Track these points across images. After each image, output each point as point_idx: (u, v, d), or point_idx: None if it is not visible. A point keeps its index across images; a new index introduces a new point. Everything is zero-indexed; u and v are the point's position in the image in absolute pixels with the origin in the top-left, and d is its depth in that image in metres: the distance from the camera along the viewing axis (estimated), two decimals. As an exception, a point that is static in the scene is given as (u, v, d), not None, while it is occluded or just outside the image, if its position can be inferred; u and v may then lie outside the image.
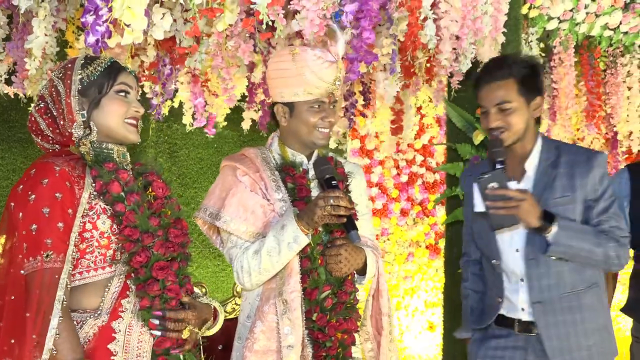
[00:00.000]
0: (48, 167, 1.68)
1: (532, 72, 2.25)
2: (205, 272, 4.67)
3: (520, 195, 2.10)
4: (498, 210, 2.12)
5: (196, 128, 4.01)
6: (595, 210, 2.22)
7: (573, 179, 2.22)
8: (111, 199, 1.72)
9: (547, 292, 2.21)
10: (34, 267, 1.61)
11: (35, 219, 1.63)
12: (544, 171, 2.25)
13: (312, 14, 2.16)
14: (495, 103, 2.21)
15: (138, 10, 1.86)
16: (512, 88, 2.21)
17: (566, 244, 2.15)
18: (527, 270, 2.23)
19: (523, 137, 2.25)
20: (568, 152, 2.28)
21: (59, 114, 1.77)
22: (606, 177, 2.25)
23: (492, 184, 2.11)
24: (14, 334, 1.60)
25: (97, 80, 1.79)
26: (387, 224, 5.05)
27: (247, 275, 2.01)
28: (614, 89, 4.56)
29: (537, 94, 2.26)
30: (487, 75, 2.25)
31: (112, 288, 1.73)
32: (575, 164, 2.23)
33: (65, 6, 2.76)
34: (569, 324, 2.21)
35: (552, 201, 2.20)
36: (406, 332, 4.96)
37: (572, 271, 2.22)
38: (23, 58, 2.75)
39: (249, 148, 2.19)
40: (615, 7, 3.74)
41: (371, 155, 5.05)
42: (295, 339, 1.96)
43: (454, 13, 2.49)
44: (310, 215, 1.95)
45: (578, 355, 2.21)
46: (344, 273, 2.06)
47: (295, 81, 2.04)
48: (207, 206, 2.08)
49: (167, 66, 2.95)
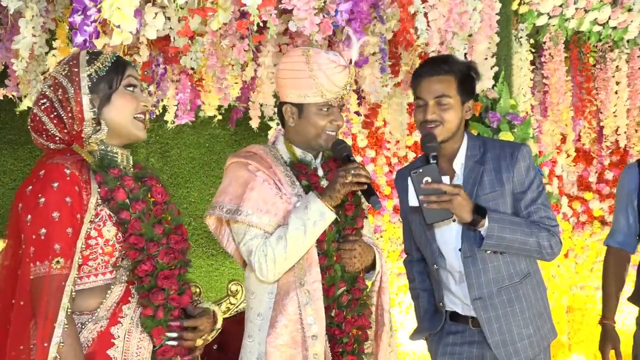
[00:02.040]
0: (59, 170, 1.64)
1: (470, 74, 2.31)
2: (199, 272, 4.66)
3: (453, 189, 2.14)
4: (431, 205, 2.14)
5: (188, 127, 3.99)
6: (524, 201, 2.28)
7: (500, 173, 2.27)
8: (116, 206, 1.69)
9: (486, 287, 2.26)
10: (41, 273, 1.58)
11: (45, 223, 1.60)
12: (472, 168, 2.30)
13: (303, 13, 2.16)
14: (435, 96, 2.25)
15: (127, 11, 1.85)
16: (452, 85, 2.26)
17: (499, 236, 2.19)
18: (465, 268, 2.27)
19: (453, 136, 2.30)
20: (493, 147, 2.34)
21: (67, 113, 1.72)
22: (532, 169, 2.31)
23: (425, 178, 2.14)
24: (22, 340, 1.59)
25: (107, 76, 1.74)
26: (380, 221, 5.05)
27: (271, 263, 1.97)
28: (603, 84, 4.59)
29: (471, 97, 2.33)
30: (430, 69, 2.29)
31: (114, 293, 1.71)
32: (501, 158, 2.29)
33: (54, 6, 2.74)
34: (509, 316, 2.27)
35: (483, 197, 2.25)
36: (400, 328, 4.97)
37: (508, 264, 2.28)
38: (11, 59, 2.73)
39: (255, 145, 2.17)
40: (604, 3, 3.76)
41: (363, 153, 5.05)
42: (319, 329, 1.97)
43: (441, 7, 2.50)
44: (332, 187, 1.97)
45: (521, 345, 2.27)
46: (357, 268, 2.09)
47: (306, 83, 2.04)
48: (222, 203, 2.03)
49: (161, 66, 2.93)
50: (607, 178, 5.51)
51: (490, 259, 2.26)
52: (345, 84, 2.07)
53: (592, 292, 5.38)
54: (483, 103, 3.07)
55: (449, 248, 2.31)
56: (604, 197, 5.51)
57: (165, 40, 2.65)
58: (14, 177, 4.26)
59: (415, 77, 2.33)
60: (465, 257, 2.26)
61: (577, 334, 5.33)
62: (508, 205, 2.27)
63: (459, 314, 2.36)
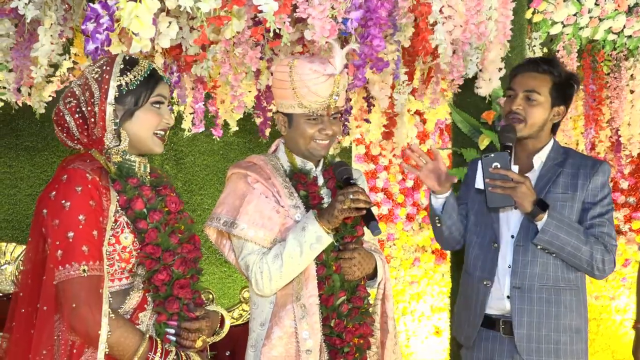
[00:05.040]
0: (81, 175, 1.65)
1: (569, 83, 2.36)
2: (212, 279, 4.67)
3: (519, 178, 2.19)
4: (496, 189, 2.20)
5: (203, 134, 4.01)
6: (591, 213, 2.30)
7: (576, 179, 2.31)
8: (134, 215, 1.71)
9: (529, 279, 2.28)
10: (70, 275, 1.59)
11: (73, 227, 1.60)
12: (550, 167, 2.34)
13: (318, 22, 2.17)
14: (526, 89, 2.32)
15: (146, 18, 1.87)
16: (546, 84, 2.31)
17: (554, 234, 2.21)
18: (514, 255, 2.30)
19: (536, 135, 2.34)
20: (575, 156, 2.38)
21: (91, 117, 1.71)
22: (608, 186, 2.34)
23: (495, 164, 2.20)
24: (46, 344, 1.60)
25: (136, 90, 1.73)
26: (393, 229, 5.05)
27: (267, 280, 1.99)
28: (617, 93, 4.56)
29: (563, 104, 2.36)
30: (529, 65, 2.37)
31: (132, 299, 1.73)
32: (581, 166, 2.33)
33: (71, 15, 2.78)
34: (542, 314, 2.27)
35: (553, 195, 2.29)
36: (413, 337, 4.96)
37: (557, 266, 2.29)
38: (29, 66, 2.77)
39: (255, 155, 2.18)
40: (618, 11, 3.74)
41: (376, 161, 5.05)
42: (313, 344, 1.96)
43: (457, 18, 2.50)
44: (330, 211, 1.96)
45: (545, 347, 2.26)
46: (357, 277, 2.07)
47: (290, 94, 2.03)
48: (220, 215, 2.05)
49: (175, 73, 2.96)
50: (622, 187, 5.48)
51: (541, 254, 2.28)
52: (331, 93, 2.02)
53: (607, 302, 5.34)
54: (496, 111, 3.06)
55: (505, 233, 2.34)
56: (619, 207, 5.46)
57: (179, 49, 2.68)
58: (30, 184, 4.30)
59: (513, 70, 2.41)
60: (517, 246, 2.29)
61: (593, 344, 5.28)
62: (575, 211, 2.30)
63: (490, 317, 2.35)
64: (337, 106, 2.07)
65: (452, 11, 2.49)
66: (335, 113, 2.08)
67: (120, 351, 1.63)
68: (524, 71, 2.36)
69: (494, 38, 2.52)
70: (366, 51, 2.30)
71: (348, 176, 2.04)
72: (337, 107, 2.07)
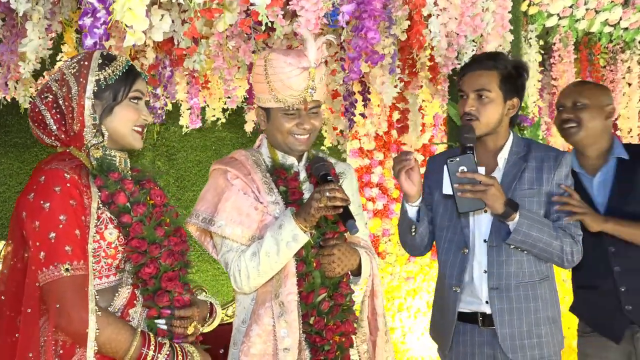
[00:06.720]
0: (59, 175, 1.63)
1: (517, 72, 2.35)
2: (205, 276, 4.63)
3: (488, 180, 2.18)
4: (465, 194, 2.18)
5: (194, 130, 3.97)
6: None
7: (541, 172, 2.33)
8: (117, 210, 1.69)
9: (505, 279, 2.28)
10: (54, 276, 1.57)
11: (54, 227, 1.59)
12: (514, 163, 2.34)
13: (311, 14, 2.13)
14: (475, 89, 2.31)
15: (139, 11, 1.83)
16: (494, 80, 2.31)
17: (527, 233, 2.22)
18: (488, 257, 2.29)
19: (495, 131, 2.34)
20: (537, 148, 2.40)
21: (69, 112, 1.71)
22: (570, 177, 2.38)
23: (461, 168, 2.17)
24: (31, 347, 1.58)
25: (114, 85, 1.73)
26: (388, 224, 5.01)
27: (245, 278, 1.98)
28: (614, 86, 4.55)
29: (516, 95, 2.35)
30: (474, 64, 2.36)
31: (122, 296, 1.71)
32: (544, 159, 2.35)
33: (60, 9, 2.73)
34: (522, 311, 2.29)
35: (520, 192, 2.30)
36: (409, 333, 4.93)
37: (530, 261, 2.31)
38: (17, 62, 2.71)
39: (238, 150, 2.16)
40: (615, 3, 3.72)
41: (371, 156, 5.02)
42: (292, 342, 1.93)
43: (452, 10, 2.46)
44: (307, 210, 1.93)
45: (528, 342, 2.28)
46: (337, 273, 2.03)
47: (266, 88, 2.01)
48: (199, 211, 2.04)
49: (168, 68, 2.91)
50: (618, 180, 5.46)
51: (514, 252, 2.28)
52: (307, 86, 1.99)
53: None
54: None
55: (477, 237, 2.34)
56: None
57: (170, 43, 2.63)
58: (20, 180, 4.25)
59: (461, 71, 2.40)
60: (490, 247, 2.29)
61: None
62: (542, 205, 2.32)
63: (466, 313, 2.35)
64: (315, 100, 2.04)
65: (447, 3, 2.45)
66: (314, 107, 2.05)
67: (113, 348, 1.62)
68: (470, 71, 2.35)
69: (491, 30, 2.48)
70: (360, 44, 2.26)
71: (325, 172, 2.00)
72: (315, 101, 2.04)
